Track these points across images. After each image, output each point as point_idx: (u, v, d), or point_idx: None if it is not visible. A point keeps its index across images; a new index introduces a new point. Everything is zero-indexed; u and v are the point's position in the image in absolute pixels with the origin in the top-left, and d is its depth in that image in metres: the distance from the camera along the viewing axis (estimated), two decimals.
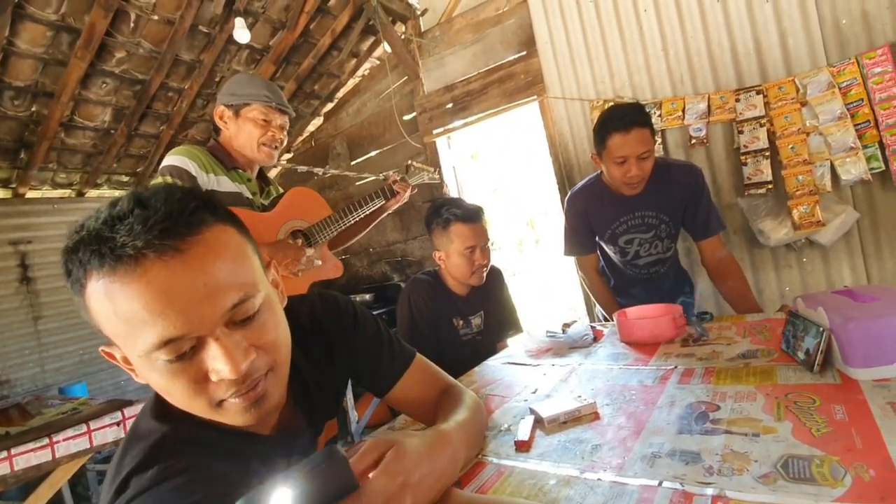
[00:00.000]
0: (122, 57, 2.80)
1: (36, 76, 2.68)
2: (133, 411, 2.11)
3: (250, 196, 1.54)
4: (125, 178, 3.80)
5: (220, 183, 1.44)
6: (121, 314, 0.48)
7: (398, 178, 1.76)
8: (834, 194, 2.19)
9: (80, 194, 3.67)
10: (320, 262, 1.57)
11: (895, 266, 2.17)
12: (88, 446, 1.65)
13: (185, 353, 0.50)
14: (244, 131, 1.50)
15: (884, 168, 2.08)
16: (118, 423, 1.98)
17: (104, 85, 2.92)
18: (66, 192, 3.63)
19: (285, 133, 1.57)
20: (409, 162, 1.86)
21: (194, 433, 0.57)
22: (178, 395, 0.53)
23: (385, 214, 1.83)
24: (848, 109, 2.10)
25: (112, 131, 3.27)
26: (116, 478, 0.51)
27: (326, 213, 1.67)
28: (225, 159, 1.50)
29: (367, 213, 1.73)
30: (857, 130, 2.08)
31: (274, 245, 1.46)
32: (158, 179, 1.35)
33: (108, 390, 3.60)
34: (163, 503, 0.48)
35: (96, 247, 0.48)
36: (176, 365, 0.50)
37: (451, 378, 0.88)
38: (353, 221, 1.70)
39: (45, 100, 2.83)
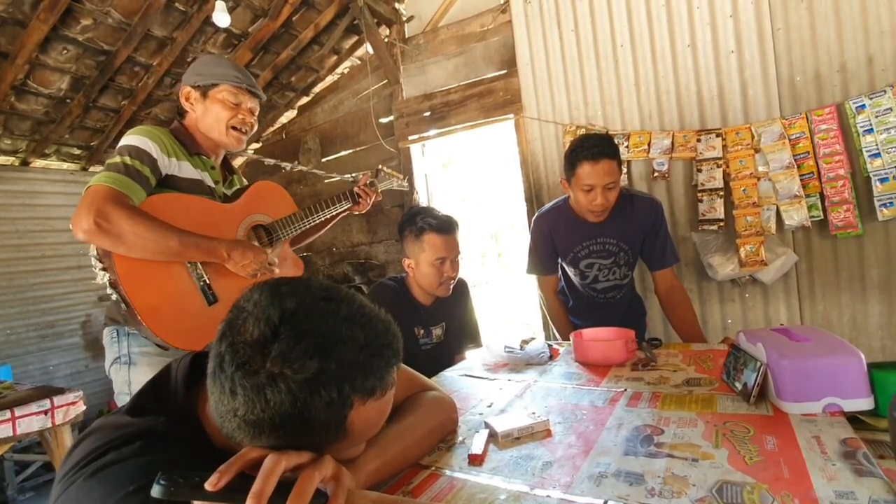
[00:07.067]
0: (89, 24, 2.65)
1: None
2: (64, 400, 1.98)
3: (213, 185, 1.47)
4: (77, 151, 3.58)
5: (181, 168, 1.37)
6: None
7: (369, 182, 1.74)
8: (777, 237, 2.35)
9: (25, 163, 3.43)
10: (278, 271, 1.52)
11: (825, 308, 2.35)
12: (11, 434, 1.54)
13: None
14: (212, 113, 1.43)
15: (822, 217, 2.25)
16: (45, 412, 1.85)
17: (65, 51, 2.75)
18: (10, 160, 3.39)
19: (255, 118, 1.51)
20: (381, 166, 1.85)
21: (174, 430, 0.58)
22: None
23: (344, 215, 1.81)
24: (795, 160, 2.26)
25: (68, 100, 3.08)
26: (93, 451, 0.52)
27: (291, 210, 1.62)
28: (188, 143, 1.43)
29: (332, 214, 1.70)
30: (801, 180, 2.25)
31: (235, 243, 1.38)
32: (116, 159, 1.27)
33: (35, 375, 3.36)
34: (144, 469, 0.49)
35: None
36: None
37: (426, 381, 0.93)
38: (317, 221, 1.66)
39: None
